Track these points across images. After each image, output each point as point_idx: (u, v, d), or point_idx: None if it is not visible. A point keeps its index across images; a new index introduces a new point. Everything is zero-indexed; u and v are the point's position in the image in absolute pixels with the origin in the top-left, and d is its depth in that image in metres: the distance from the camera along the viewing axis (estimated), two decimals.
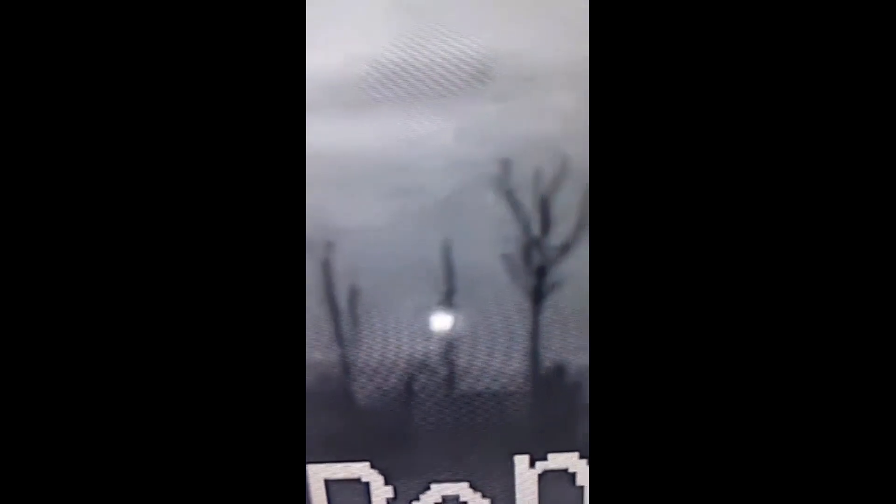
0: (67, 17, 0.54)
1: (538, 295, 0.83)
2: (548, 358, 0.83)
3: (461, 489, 0.83)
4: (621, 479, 0.55)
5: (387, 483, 0.82)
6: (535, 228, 0.83)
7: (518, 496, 0.83)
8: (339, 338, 0.82)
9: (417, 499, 0.83)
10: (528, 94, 0.82)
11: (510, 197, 0.82)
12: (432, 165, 0.81)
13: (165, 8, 0.54)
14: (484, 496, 0.83)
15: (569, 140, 0.82)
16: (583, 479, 0.83)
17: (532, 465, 0.83)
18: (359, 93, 0.80)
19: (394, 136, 0.81)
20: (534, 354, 0.83)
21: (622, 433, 0.55)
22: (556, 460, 0.83)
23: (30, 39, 0.53)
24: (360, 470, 0.82)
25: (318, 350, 0.81)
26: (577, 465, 0.83)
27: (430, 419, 0.83)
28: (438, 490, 0.83)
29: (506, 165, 0.82)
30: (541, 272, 0.83)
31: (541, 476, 0.83)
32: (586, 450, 0.82)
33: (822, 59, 0.54)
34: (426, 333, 0.83)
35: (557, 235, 0.83)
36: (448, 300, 0.82)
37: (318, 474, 0.82)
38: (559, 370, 0.83)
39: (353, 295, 0.81)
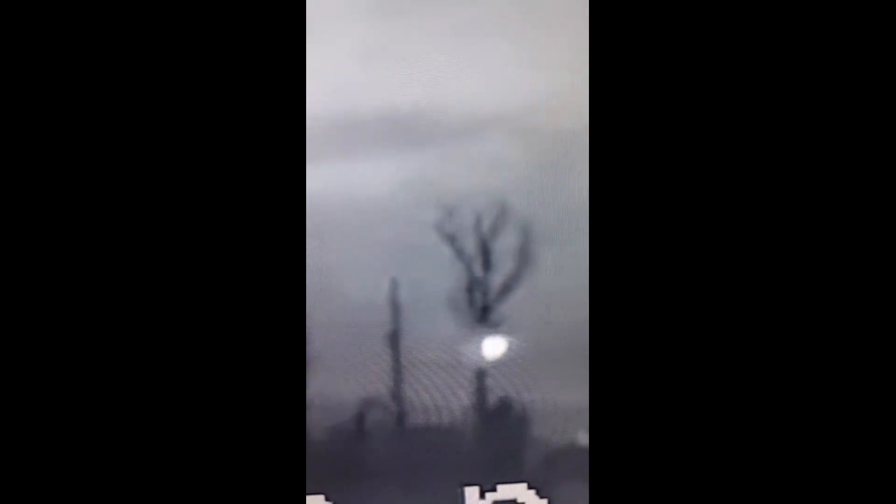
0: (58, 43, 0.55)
1: (482, 333, 0.86)
2: (493, 393, 0.86)
3: None
4: None
5: None
6: (478, 270, 0.87)
7: None
8: None
9: None
10: (468, 144, 0.87)
11: (452, 240, 0.86)
12: (377, 210, 0.86)
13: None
14: None
15: (508, 187, 0.87)
16: None
17: (482, 496, 0.85)
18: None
19: (340, 182, 0.85)
20: (480, 390, 0.86)
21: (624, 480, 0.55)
22: (506, 491, 0.85)
23: (25, 49, 0.54)
24: (316, 503, 0.84)
25: None
26: (525, 496, 0.85)
27: (383, 453, 0.85)
28: None
29: (448, 211, 0.86)
30: (484, 311, 0.87)
31: None
32: (534, 480, 0.85)
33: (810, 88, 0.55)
34: (376, 371, 0.86)
35: (499, 276, 0.87)
36: (395, 339, 0.86)
37: None
38: (505, 405, 0.86)
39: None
